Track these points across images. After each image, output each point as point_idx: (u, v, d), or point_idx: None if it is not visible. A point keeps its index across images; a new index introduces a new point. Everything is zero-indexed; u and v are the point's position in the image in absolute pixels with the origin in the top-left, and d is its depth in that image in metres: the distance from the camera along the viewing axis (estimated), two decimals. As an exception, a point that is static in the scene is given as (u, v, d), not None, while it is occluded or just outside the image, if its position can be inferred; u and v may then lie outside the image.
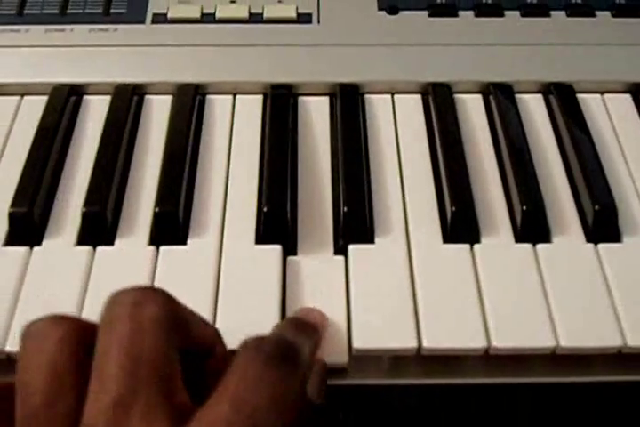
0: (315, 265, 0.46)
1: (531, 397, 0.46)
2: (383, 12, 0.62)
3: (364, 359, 0.44)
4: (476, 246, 0.47)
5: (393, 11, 0.62)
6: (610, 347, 0.43)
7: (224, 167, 0.52)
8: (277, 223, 0.48)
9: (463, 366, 0.44)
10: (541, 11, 0.62)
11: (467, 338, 0.43)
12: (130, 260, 0.47)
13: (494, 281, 0.45)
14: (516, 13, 0.62)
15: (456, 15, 0.62)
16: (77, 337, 0.34)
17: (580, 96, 0.57)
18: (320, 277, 0.46)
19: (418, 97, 0.58)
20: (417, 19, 0.62)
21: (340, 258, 0.47)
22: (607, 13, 0.63)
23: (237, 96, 0.58)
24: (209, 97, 0.58)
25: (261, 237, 0.48)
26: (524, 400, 0.46)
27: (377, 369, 0.44)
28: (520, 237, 0.48)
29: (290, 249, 0.47)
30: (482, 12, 0.62)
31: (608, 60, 0.59)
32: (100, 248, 0.47)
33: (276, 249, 0.47)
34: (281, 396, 0.33)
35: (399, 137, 0.55)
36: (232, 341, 0.42)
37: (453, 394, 0.46)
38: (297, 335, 0.38)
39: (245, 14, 0.61)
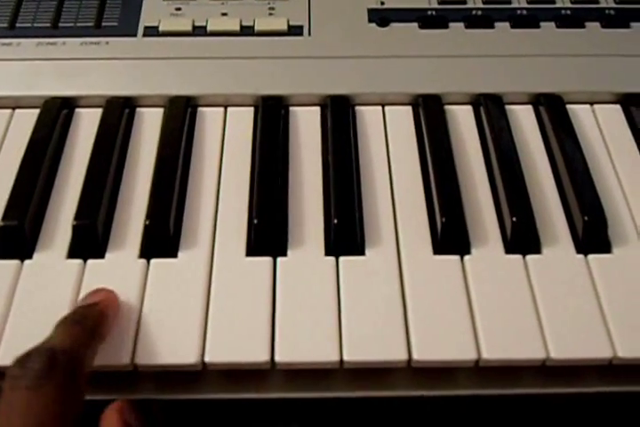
0: (305, 275, 0.46)
1: (521, 408, 0.46)
2: (374, 24, 0.63)
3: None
4: (467, 258, 0.47)
5: (383, 23, 0.63)
6: (600, 358, 0.43)
7: (215, 179, 0.52)
8: (268, 235, 0.48)
9: (453, 377, 0.45)
10: (531, 22, 0.63)
11: (457, 350, 0.43)
12: (121, 273, 0.47)
13: (484, 292, 0.45)
14: (506, 25, 0.63)
15: (446, 27, 0.62)
16: None
17: (569, 107, 0.58)
18: (310, 288, 0.46)
19: (408, 108, 0.58)
20: (407, 30, 0.62)
21: (332, 269, 0.47)
22: (597, 24, 0.63)
23: (228, 108, 0.58)
24: (200, 109, 0.58)
25: (252, 250, 0.48)
26: (514, 412, 0.46)
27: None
28: (510, 248, 0.48)
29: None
30: (472, 23, 0.63)
31: (598, 71, 0.59)
32: (90, 261, 0.47)
33: (266, 261, 0.47)
34: (50, 418, 0.33)
35: (390, 148, 0.55)
36: (223, 354, 0.43)
37: (444, 406, 0.46)
38: (68, 338, 0.38)
39: (237, 27, 0.62)
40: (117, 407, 0.39)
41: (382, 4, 0.64)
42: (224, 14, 0.63)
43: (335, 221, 0.48)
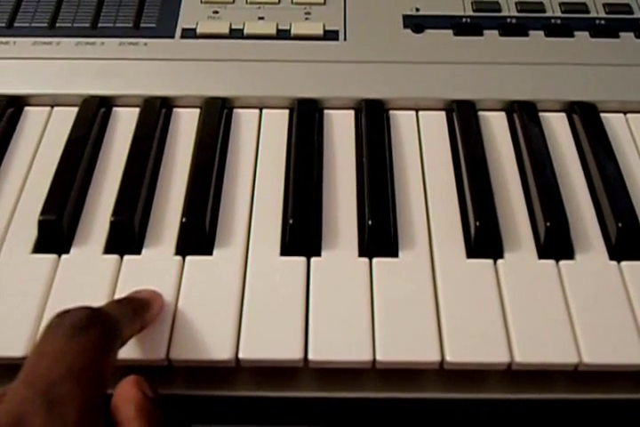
0: (339, 276, 0.47)
1: (553, 413, 0.45)
2: (409, 30, 0.63)
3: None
4: (500, 262, 0.47)
5: (418, 29, 0.63)
6: (634, 364, 0.43)
7: (250, 180, 0.53)
8: (303, 236, 0.48)
9: (484, 380, 0.45)
10: (565, 31, 0.63)
11: (490, 353, 0.43)
12: (156, 269, 0.47)
13: (517, 296, 0.45)
14: (541, 33, 0.63)
15: (481, 34, 0.63)
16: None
17: (603, 115, 0.58)
18: (343, 288, 0.46)
19: (442, 114, 0.58)
20: (442, 37, 0.63)
21: (365, 270, 0.47)
22: (630, 34, 0.63)
23: (264, 110, 0.58)
24: (236, 111, 0.58)
25: (286, 249, 0.48)
26: (546, 417, 0.46)
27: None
28: (543, 253, 0.48)
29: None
30: (506, 31, 0.63)
31: (631, 80, 0.60)
32: (127, 257, 0.48)
33: (300, 261, 0.47)
34: (81, 366, 0.33)
35: (423, 153, 0.55)
36: (257, 351, 0.43)
37: (474, 409, 0.46)
38: (112, 307, 0.39)
39: (273, 31, 0.63)
40: (133, 379, 0.39)
41: (417, 10, 0.65)
42: (261, 18, 0.64)
43: (370, 222, 0.48)
